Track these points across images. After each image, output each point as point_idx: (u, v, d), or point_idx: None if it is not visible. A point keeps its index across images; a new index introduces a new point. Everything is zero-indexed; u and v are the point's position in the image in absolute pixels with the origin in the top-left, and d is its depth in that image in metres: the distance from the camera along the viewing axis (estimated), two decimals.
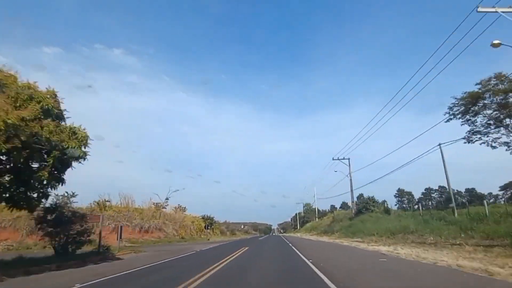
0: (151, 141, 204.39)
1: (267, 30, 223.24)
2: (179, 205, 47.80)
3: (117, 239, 19.37)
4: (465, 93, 20.56)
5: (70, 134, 10.68)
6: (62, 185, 11.31)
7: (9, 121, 8.22)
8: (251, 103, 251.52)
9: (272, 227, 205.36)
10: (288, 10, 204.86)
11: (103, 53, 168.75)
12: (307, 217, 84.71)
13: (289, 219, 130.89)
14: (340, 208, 77.47)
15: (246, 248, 20.02)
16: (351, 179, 43.21)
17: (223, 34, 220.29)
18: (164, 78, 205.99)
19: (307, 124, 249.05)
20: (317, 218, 71.38)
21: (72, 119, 11.38)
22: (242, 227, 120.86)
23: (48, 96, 10.26)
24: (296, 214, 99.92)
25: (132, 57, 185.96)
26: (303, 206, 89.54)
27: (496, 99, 19.45)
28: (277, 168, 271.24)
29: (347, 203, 70.04)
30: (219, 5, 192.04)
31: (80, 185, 20.20)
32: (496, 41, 13.38)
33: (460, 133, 24.02)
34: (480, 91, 19.73)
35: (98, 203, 33.02)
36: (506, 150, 20.66)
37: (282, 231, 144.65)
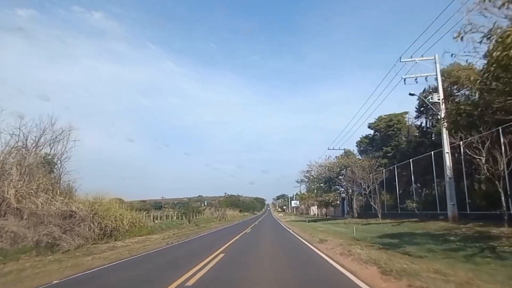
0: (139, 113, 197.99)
1: None
2: None
3: None
4: None
5: None
6: None
7: None
8: (242, 75, 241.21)
9: (266, 202, 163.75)
10: None
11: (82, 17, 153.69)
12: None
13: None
14: None
15: None
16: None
17: None
18: (150, 45, 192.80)
19: (300, 98, 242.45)
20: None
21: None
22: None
23: None
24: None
25: (114, 21, 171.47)
26: None
27: None
28: (270, 142, 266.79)
29: None
30: None
31: None
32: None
33: None
34: None
35: None
36: None
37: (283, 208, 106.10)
